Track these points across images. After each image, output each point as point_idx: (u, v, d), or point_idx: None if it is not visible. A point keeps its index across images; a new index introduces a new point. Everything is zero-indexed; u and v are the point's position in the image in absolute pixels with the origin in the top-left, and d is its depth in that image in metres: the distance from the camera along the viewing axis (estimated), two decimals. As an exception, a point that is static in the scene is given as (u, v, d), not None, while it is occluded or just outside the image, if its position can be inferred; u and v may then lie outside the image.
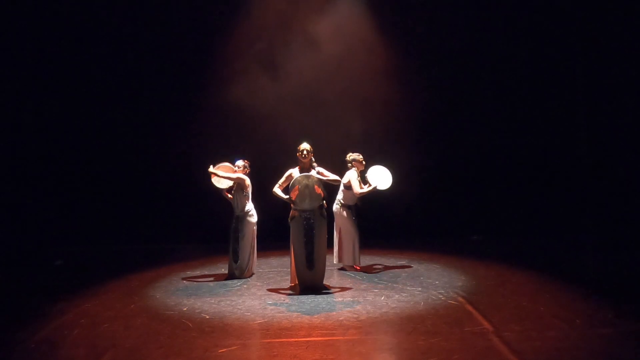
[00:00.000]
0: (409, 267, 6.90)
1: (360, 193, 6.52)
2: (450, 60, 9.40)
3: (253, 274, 6.62)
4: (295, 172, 5.84)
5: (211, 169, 6.43)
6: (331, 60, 9.25)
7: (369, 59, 9.31)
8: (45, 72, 9.22)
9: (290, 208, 5.76)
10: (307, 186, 5.63)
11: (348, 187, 6.62)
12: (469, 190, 9.52)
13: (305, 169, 5.90)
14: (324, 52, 9.19)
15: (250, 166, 6.63)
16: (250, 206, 6.56)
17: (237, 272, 6.43)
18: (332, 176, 5.95)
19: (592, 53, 8.47)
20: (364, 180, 6.68)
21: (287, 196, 5.76)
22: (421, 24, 9.34)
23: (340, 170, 6.64)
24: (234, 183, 6.50)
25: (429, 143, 9.55)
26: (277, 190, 5.92)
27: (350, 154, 6.74)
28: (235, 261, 6.43)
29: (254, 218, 6.56)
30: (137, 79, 9.39)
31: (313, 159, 5.91)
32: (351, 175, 6.59)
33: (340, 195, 6.76)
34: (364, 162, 6.69)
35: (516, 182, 9.43)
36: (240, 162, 6.56)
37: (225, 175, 6.42)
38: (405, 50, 9.44)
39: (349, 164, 6.68)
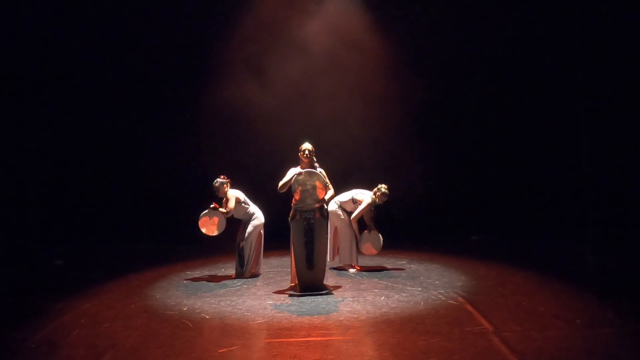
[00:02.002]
0: (409, 267, 6.90)
1: (354, 220, 6.67)
2: (450, 58, 9.40)
3: (259, 274, 6.59)
4: (296, 171, 5.80)
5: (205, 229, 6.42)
6: (329, 59, 9.26)
7: (367, 57, 9.32)
8: (45, 71, 9.21)
9: (291, 207, 5.75)
10: (311, 185, 5.57)
11: (356, 202, 6.66)
12: (469, 190, 9.53)
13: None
14: (320, 52, 9.20)
15: (228, 177, 6.51)
16: (253, 209, 6.55)
17: (239, 274, 6.43)
18: (329, 191, 5.77)
19: (593, 51, 8.45)
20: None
21: (293, 176, 5.62)
22: (421, 21, 9.33)
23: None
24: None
25: (429, 143, 9.55)
26: (281, 182, 5.76)
27: (385, 186, 6.73)
28: (241, 264, 6.44)
29: (258, 221, 6.55)
30: (138, 80, 9.39)
31: (315, 159, 5.88)
32: (366, 200, 6.64)
33: (341, 198, 6.75)
34: (382, 200, 6.70)
35: (516, 182, 9.43)
36: (218, 181, 6.41)
37: (216, 221, 6.36)
38: (404, 49, 9.43)
39: (375, 190, 6.70)
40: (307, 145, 5.84)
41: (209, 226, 6.38)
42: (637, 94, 7.91)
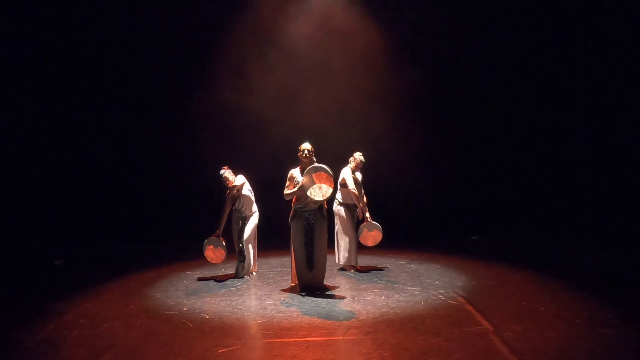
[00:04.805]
0: (409, 267, 6.90)
1: (355, 195, 6.52)
2: (448, 57, 9.38)
3: (255, 271, 6.64)
4: (296, 172, 5.80)
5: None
6: (324, 59, 9.27)
7: (363, 55, 9.31)
8: (44, 72, 9.23)
9: (292, 207, 5.74)
10: (316, 186, 5.52)
11: (343, 184, 6.61)
12: (469, 190, 9.53)
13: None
14: (315, 52, 9.22)
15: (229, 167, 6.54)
16: (255, 206, 6.58)
17: (243, 272, 6.45)
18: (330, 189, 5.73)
19: (594, 50, 8.45)
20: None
21: (300, 182, 5.55)
22: (420, 18, 9.30)
23: (340, 171, 6.64)
24: (235, 191, 6.43)
25: (429, 143, 9.55)
26: (287, 191, 5.71)
27: (359, 152, 6.71)
28: (242, 261, 6.44)
29: (257, 219, 6.59)
30: (137, 81, 9.40)
31: (314, 159, 5.87)
32: (345, 173, 6.59)
33: (338, 194, 6.75)
34: (358, 164, 6.67)
35: (516, 182, 9.43)
36: (224, 172, 6.42)
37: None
38: (402, 47, 9.42)
39: (351, 159, 6.68)
40: (306, 145, 5.81)
41: (213, 255, 6.46)
42: (637, 94, 7.91)
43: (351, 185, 6.50)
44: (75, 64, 9.34)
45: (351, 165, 6.67)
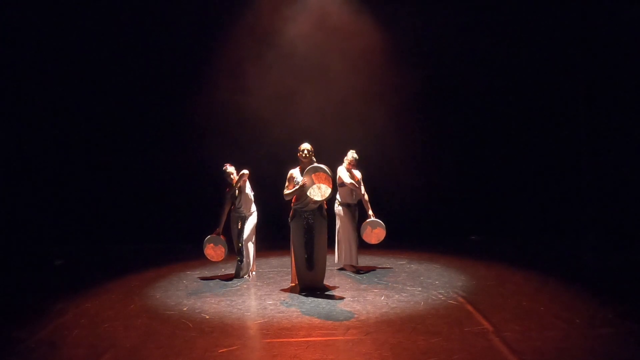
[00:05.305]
0: (409, 267, 6.90)
1: (352, 183, 6.52)
2: (448, 57, 9.37)
3: (255, 271, 6.65)
4: (296, 172, 5.80)
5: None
6: (323, 59, 9.26)
7: (362, 55, 9.29)
8: (44, 71, 9.23)
9: (291, 207, 5.74)
10: (315, 186, 5.51)
11: (340, 184, 6.61)
12: (469, 190, 9.52)
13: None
14: (314, 52, 9.21)
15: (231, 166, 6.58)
16: (254, 206, 6.58)
17: (243, 272, 6.45)
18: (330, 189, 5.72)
19: (594, 50, 8.45)
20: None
21: (299, 183, 5.54)
22: (419, 17, 9.28)
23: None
24: (237, 187, 6.44)
25: (428, 143, 9.54)
26: (287, 191, 5.71)
27: (353, 150, 6.73)
28: (241, 261, 6.44)
29: (256, 218, 6.58)
30: (139, 81, 9.38)
31: (314, 159, 5.86)
32: (340, 171, 6.60)
33: (337, 194, 6.75)
34: (352, 162, 6.66)
35: (516, 182, 9.42)
36: (228, 168, 6.48)
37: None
38: (403, 48, 9.41)
39: (345, 159, 6.69)
40: (306, 145, 5.81)
41: (214, 253, 6.46)
42: (637, 94, 7.92)
43: (347, 180, 6.51)
44: (75, 64, 9.33)
45: (345, 164, 6.68)
